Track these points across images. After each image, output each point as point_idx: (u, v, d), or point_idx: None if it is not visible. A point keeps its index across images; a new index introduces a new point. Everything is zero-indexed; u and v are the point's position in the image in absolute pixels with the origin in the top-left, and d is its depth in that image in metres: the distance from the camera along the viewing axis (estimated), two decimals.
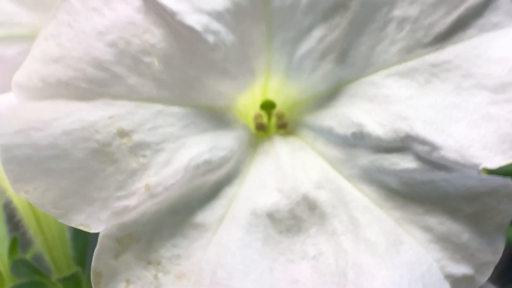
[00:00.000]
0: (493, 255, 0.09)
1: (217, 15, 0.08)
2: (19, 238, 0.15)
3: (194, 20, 0.08)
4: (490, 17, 0.09)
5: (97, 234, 0.15)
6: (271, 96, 0.10)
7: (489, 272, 0.09)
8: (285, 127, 0.10)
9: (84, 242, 0.13)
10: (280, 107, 0.10)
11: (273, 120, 0.10)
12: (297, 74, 0.10)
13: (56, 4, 0.08)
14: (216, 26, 0.08)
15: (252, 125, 0.10)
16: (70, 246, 0.13)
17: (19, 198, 0.12)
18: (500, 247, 0.09)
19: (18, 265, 0.13)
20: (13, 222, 0.14)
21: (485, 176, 0.08)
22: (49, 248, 0.12)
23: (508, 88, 0.08)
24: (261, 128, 0.10)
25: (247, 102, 0.10)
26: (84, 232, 0.14)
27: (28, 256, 0.15)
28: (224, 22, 0.08)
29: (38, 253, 0.15)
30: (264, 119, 0.10)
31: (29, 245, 0.16)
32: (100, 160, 0.08)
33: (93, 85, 0.08)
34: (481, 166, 0.08)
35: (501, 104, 0.08)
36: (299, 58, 0.09)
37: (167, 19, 0.08)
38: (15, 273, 0.13)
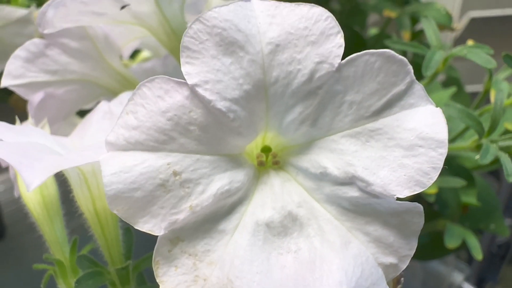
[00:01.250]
0: (410, 251, 0.14)
1: (235, 101, 0.13)
2: (78, 239, 0.20)
3: (221, 104, 0.13)
4: (408, 99, 0.14)
5: (138, 239, 0.20)
6: (268, 143, 0.15)
7: (407, 261, 0.14)
8: (277, 163, 0.15)
9: (130, 243, 0.18)
10: (274, 150, 0.15)
11: (269, 158, 0.15)
12: (285, 132, 0.14)
13: (134, 91, 0.13)
14: (234, 107, 0.13)
15: (255, 162, 0.15)
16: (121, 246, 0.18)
17: (88, 212, 0.17)
18: (414, 245, 0.14)
19: (81, 259, 0.18)
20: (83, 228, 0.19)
21: (402, 201, 0.13)
22: (108, 247, 0.17)
23: (415, 148, 0.13)
24: (261, 164, 0.15)
25: (252, 147, 0.15)
26: (130, 235, 0.19)
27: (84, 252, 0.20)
28: (239, 104, 0.13)
29: (94, 249, 0.20)
30: (263, 158, 0.15)
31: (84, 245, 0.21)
32: (162, 191, 0.13)
33: (158, 143, 0.13)
34: (395, 197, 0.13)
35: (410, 157, 0.13)
36: (286, 123, 0.14)
37: (205, 104, 0.13)
38: (79, 265, 0.18)
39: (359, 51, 0.32)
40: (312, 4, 0.13)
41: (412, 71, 0.13)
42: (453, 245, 0.27)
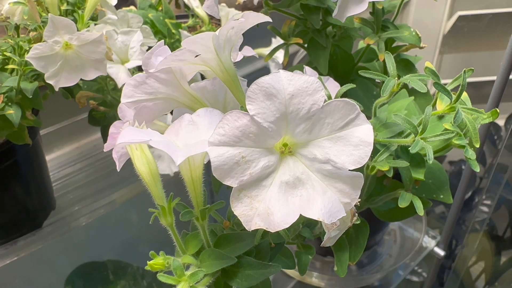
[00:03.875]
0: (356, 195, 0.28)
1: (271, 122, 0.27)
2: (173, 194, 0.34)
3: (265, 124, 0.26)
4: (357, 121, 0.27)
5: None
6: (286, 141, 0.29)
7: (355, 201, 0.28)
8: (291, 152, 0.29)
9: (205, 198, 0.33)
10: (289, 145, 0.29)
11: (286, 149, 0.29)
12: (295, 137, 0.28)
13: (224, 115, 0.27)
14: (271, 125, 0.27)
15: (279, 151, 0.29)
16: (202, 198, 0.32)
17: (187, 178, 0.31)
18: (359, 193, 0.28)
19: (179, 206, 0.33)
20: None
21: (352, 171, 0.27)
22: (196, 197, 0.31)
23: (358, 146, 0.27)
24: (282, 152, 0.29)
25: (278, 143, 0.29)
26: (205, 194, 0.33)
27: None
28: (273, 124, 0.27)
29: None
30: (284, 149, 0.29)
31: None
32: (236, 166, 0.26)
33: (234, 143, 0.27)
34: (348, 169, 0.27)
35: (356, 150, 0.27)
36: (296, 132, 0.28)
37: (257, 124, 0.27)
38: (178, 208, 0.32)
39: (349, 65, 0.48)
40: (311, 75, 0.27)
41: (359, 108, 0.27)
42: (403, 205, 0.42)
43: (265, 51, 0.80)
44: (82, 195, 0.81)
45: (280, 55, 0.61)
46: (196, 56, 0.33)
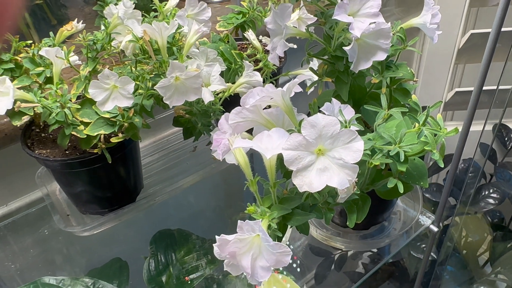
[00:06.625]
0: (354, 175, 0.58)
1: (313, 138, 0.57)
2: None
3: (310, 140, 0.57)
4: (356, 139, 0.57)
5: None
6: (320, 148, 0.59)
7: (355, 176, 0.57)
8: (322, 154, 0.59)
9: (275, 175, 0.63)
10: (321, 150, 0.59)
11: (320, 152, 0.59)
12: (325, 146, 0.58)
13: (289, 136, 0.57)
14: (313, 140, 0.57)
15: (316, 153, 0.60)
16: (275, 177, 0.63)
17: (268, 166, 0.61)
18: (356, 174, 0.58)
19: (260, 181, 0.63)
20: None
21: (354, 164, 0.57)
22: (271, 176, 0.62)
23: (356, 152, 0.56)
24: (318, 154, 0.59)
25: (316, 149, 0.59)
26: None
27: None
28: (314, 139, 0.57)
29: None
30: (318, 152, 0.59)
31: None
32: (296, 159, 0.57)
33: (294, 148, 0.57)
34: (351, 163, 0.57)
35: (354, 154, 0.56)
36: (325, 144, 0.57)
37: (306, 139, 0.57)
38: (261, 181, 0.63)
39: (362, 93, 0.84)
40: (333, 117, 0.57)
41: (357, 133, 0.57)
42: (390, 186, 0.71)
43: (302, 71, 1.10)
44: (160, 179, 1.13)
45: (308, 72, 0.91)
46: (271, 98, 0.64)
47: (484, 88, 1.24)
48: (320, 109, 0.67)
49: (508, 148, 1.79)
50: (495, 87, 1.43)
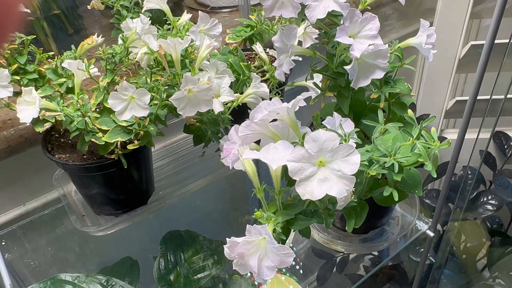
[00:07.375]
0: (352, 185, 0.65)
1: (315, 152, 0.64)
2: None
3: (314, 153, 0.64)
4: (353, 153, 0.64)
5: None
6: (321, 160, 0.67)
7: (352, 186, 0.64)
8: (323, 165, 0.66)
9: (279, 185, 0.70)
10: (322, 162, 0.66)
11: (321, 164, 0.66)
12: (325, 159, 0.65)
13: (292, 149, 0.64)
14: (314, 153, 0.64)
15: (318, 165, 0.67)
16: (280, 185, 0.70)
17: (273, 175, 0.68)
18: (353, 184, 0.65)
19: (266, 188, 0.71)
20: None
21: (350, 175, 0.64)
22: (277, 184, 0.69)
23: (353, 164, 0.63)
24: (319, 166, 0.66)
25: (317, 161, 0.66)
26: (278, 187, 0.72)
27: None
28: (316, 152, 0.64)
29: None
30: (320, 163, 0.66)
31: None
32: (299, 170, 0.64)
33: (297, 160, 0.63)
34: (349, 174, 0.64)
35: (351, 166, 0.63)
36: (326, 157, 0.65)
37: (308, 152, 0.64)
38: (268, 189, 0.70)
39: (362, 106, 0.92)
40: (331, 131, 0.63)
41: (354, 147, 0.64)
42: (387, 194, 0.78)
43: (306, 82, 1.17)
44: (170, 182, 1.20)
45: (311, 84, 0.98)
46: (278, 114, 0.71)
47: (484, 97, 1.30)
48: (322, 122, 0.74)
49: (508, 156, 1.86)
50: (498, 96, 1.49)
